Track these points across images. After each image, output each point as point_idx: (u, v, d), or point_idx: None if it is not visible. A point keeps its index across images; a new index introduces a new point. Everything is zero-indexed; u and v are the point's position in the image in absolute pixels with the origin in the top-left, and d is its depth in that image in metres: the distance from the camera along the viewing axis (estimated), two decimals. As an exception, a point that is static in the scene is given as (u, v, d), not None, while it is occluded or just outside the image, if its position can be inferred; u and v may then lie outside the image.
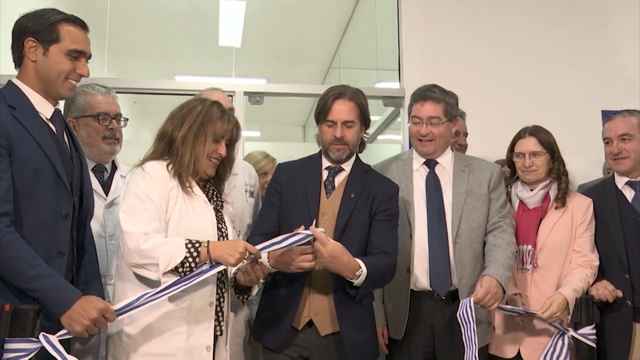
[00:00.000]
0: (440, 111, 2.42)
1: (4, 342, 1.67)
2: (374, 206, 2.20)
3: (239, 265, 1.94)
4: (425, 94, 2.45)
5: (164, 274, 1.83)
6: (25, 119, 1.85)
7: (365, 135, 2.32)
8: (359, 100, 2.22)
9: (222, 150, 2.04)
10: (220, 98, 2.57)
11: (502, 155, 2.97)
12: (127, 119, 2.55)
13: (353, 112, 2.20)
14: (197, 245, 1.87)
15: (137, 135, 4.64)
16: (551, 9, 4.09)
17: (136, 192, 1.94)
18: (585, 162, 3.50)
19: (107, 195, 2.43)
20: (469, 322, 2.13)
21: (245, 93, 3.81)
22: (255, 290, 2.12)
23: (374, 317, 2.27)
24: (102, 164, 2.47)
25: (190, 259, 1.84)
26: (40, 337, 1.70)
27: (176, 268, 1.83)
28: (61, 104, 2.21)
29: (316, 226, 2.01)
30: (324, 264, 2.01)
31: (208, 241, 1.90)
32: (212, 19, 5.37)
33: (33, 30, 1.87)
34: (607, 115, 2.65)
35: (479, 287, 2.22)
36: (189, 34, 5.76)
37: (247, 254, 1.87)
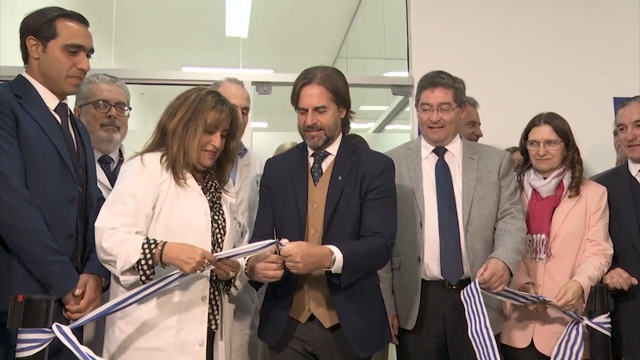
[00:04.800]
0: (450, 97, 2.41)
1: (17, 333, 1.68)
2: (363, 186, 2.10)
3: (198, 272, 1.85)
4: (435, 80, 2.43)
5: (123, 272, 1.80)
6: (31, 107, 1.92)
7: (351, 114, 2.22)
8: (331, 83, 2.11)
9: (217, 141, 1.99)
10: (234, 92, 2.55)
11: (513, 143, 2.95)
12: (131, 108, 2.53)
13: (324, 96, 2.10)
14: (152, 246, 1.80)
15: (145, 127, 4.64)
16: (562, -3, 4.05)
17: (121, 185, 1.93)
18: (597, 149, 3.46)
19: (112, 186, 2.42)
20: (473, 297, 2.11)
21: (253, 83, 3.79)
22: (239, 282, 2.06)
23: (381, 302, 2.20)
24: (102, 152, 2.45)
25: (143, 261, 1.79)
26: (54, 327, 1.70)
27: (134, 267, 1.79)
28: (71, 99, 2.21)
29: (279, 239, 1.94)
30: (303, 268, 1.92)
31: (165, 243, 1.82)
32: (219, 9, 5.37)
33: (33, 28, 1.95)
34: (621, 102, 2.62)
35: (485, 268, 2.20)
36: (195, 25, 5.76)
37: (206, 261, 1.80)
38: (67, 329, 1.71)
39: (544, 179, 2.51)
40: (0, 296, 1.76)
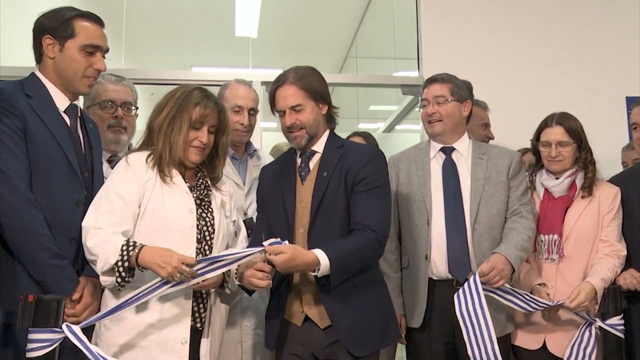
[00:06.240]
0: (446, 90, 2.44)
1: (27, 333, 1.68)
2: (348, 179, 2.05)
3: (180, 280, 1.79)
4: (433, 77, 2.51)
5: (102, 273, 1.78)
6: (40, 108, 1.91)
7: (334, 109, 2.18)
8: (304, 81, 2.09)
9: (203, 137, 1.96)
10: (242, 93, 2.54)
11: (524, 144, 2.93)
12: (137, 107, 2.51)
13: (298, 95, 2.08)
14: (130, 248, 1.76)
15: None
16: (574, -5, 4.02)
17: (107, 185, 1.92)
18: (609, 149, 3.43)
19: None
20: (469, 286, 2.12)
21: (263, 83, 3.79)
22: (230, 287, 2.03)
23: (383, 298, 2.13)
24: (110, 153, 2.42)
25: (120, 263, 1.75)
26: (64, 327, 1.70)
27: (112, 269, 1.76)
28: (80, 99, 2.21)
29: (265, 238, 1.92)
30: (285, 271, 1.93)
31: (142, 246, 1.78)
32: (229, 9, 5.38)
33: (50, 28, 1.94)
34: (635, 101, 2.59)
35: (485, 263, 2.19)
36: (205, 25, 5.78)
37: (184, 267, 1.74)
38: (77, 328, 1.71)
39: (556, 179, 2.48)
40: (6, 297, 1.77)
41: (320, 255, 1.91)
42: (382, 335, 2.08)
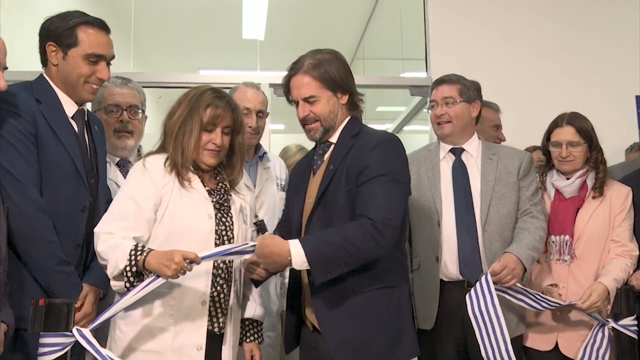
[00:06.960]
0: (454, 91, 2.43)
1: (39, 337, 1.68)
2: (350, 172, 1.88)
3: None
4: (441, 78, 2.50)
5: (113, 277, 1.76)
6: (49, 114, 1.91)
7: (358, 95, 2.02)
8: (319, 70, 1.93)
9: (217, 139, 1.90)
10: (249, 96, 2.54)
11: (533, 144, 2.91)
12: (144, 110, 2.48)
13: (312, 85, 1.93)
14: (138, 253, 1.74)
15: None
16: (582, -7, 4.00)
17: (123, 189, 1.90)
18: (619, 149, 3.42)
19: None
20: (481, 286, 2.11)
21: (271, 85, 3.79)
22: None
23: (393, 308, 1.90)
24: (118, 157, 2.41)
25: (128, 267, 1.73)
26: (74, 331, 1.69)
27: (122, 273, 1.75)
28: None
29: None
30: (262, 262, 1.85)
31: (150, 250, 1.75)
32: (236, 12, 5.39)
33: (54, 35, 1.93)
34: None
35: (497, 262, 2.17)
36: (212, 28, 5.80)
37: (186, 262, 1.71)
38: (87, 331, 1.70)
39: (567, 179, 2.47)
40: (13, 302, 1.76)
41: (294, 244, 1.76)
42: (389, 350, 1.86)
